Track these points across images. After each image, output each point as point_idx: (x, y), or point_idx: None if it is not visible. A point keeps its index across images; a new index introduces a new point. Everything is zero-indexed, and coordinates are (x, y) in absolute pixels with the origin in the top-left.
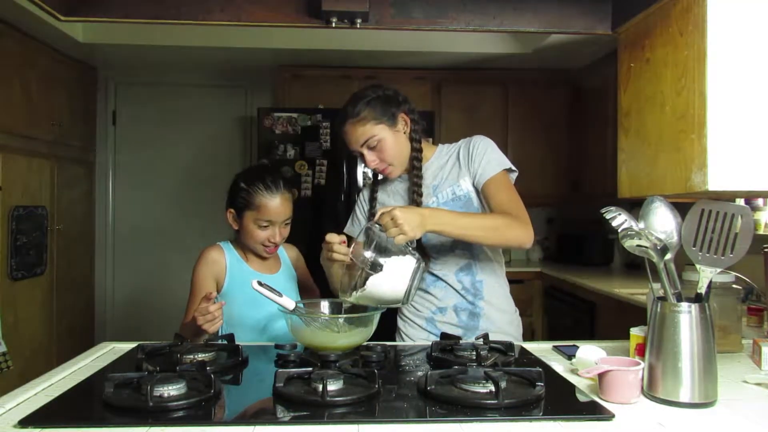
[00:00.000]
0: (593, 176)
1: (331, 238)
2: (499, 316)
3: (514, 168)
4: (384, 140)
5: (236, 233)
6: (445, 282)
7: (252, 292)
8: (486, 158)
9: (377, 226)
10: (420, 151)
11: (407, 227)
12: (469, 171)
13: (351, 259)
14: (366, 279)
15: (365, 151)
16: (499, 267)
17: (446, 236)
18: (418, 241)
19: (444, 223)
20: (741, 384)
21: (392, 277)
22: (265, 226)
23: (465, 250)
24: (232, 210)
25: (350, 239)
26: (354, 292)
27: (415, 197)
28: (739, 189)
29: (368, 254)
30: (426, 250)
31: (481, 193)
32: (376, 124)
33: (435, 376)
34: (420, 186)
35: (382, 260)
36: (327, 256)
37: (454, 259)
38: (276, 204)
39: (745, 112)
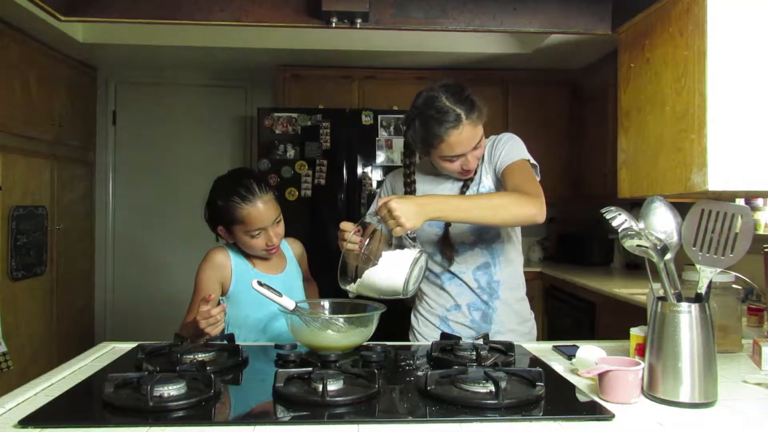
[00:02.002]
0: (593, 176)
1: (345, 226)
2: (513, 318)
3: (534, 162)
4: (482, 137)
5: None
6: (461, 280)
7: (258, 294)
8: (507, 149)
9: (377, 217)
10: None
11: (404, 219)
12: (492, 165)
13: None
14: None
15: (471, 154)
16: (518, 268)
17: (452, 221)
18: (445, 238)
19: (444, 209)
20: (741, 384)
21: (388, 269)
22: (258, 234)
23: (485, 249)
24: (222, 227)
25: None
26: (352, 284)
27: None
28: (739, 189)
29: (365, 244)
30: (451, 249)
31: (501, 181)
32: (482, 122)
33: (435, 376)
34: (468, 186)
35: (381, 252)
36: (339, 244)
37: (473, 257)
38: (258, 211)
39: (745, 112)
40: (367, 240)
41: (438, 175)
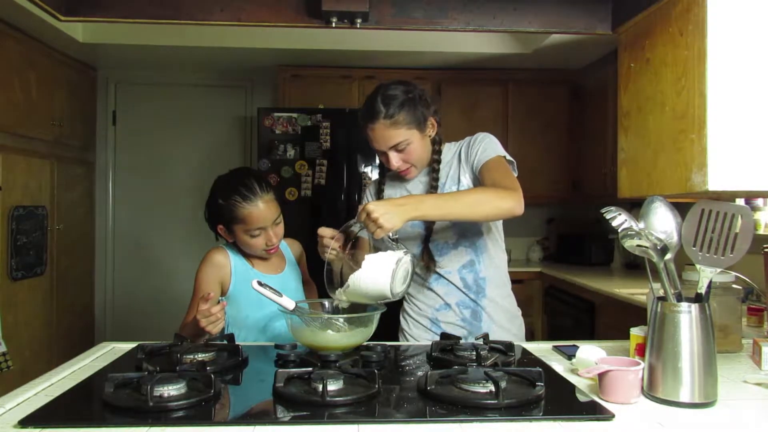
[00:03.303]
0: (593, 176)
1: (323, 231)
2: (501, 315)
3: (511, 159)
4: (412, 144)
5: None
6: (448, 279)
7: (257, 294)
8: (482, 147)
9: (359, 224)
10: (440, 153)
11: (382, 220)
12: (469, 164)
13: (336, 255)
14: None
15: (391, 153)
16: (502, 265)
17: (432, 220)
18: (425, 242)
19: (422, 207)
20: (741, 384)
21: (371, 272)
22: (258, 234)
23: (468, 247)
24: (222, 226)
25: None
26: (340, 290)
27: None
28: (739, 189)
29: (347, 250)
30: (430, 251)
31: (479, 179)
32: (409, 129)
33: (435, 376)
34: (437, 188)
35: (363, 256)
36: (319, 249)
37: (458, 256)
38: (259, 211)
39: (745, 112)
40: (349, 245)
41: (410, 180)
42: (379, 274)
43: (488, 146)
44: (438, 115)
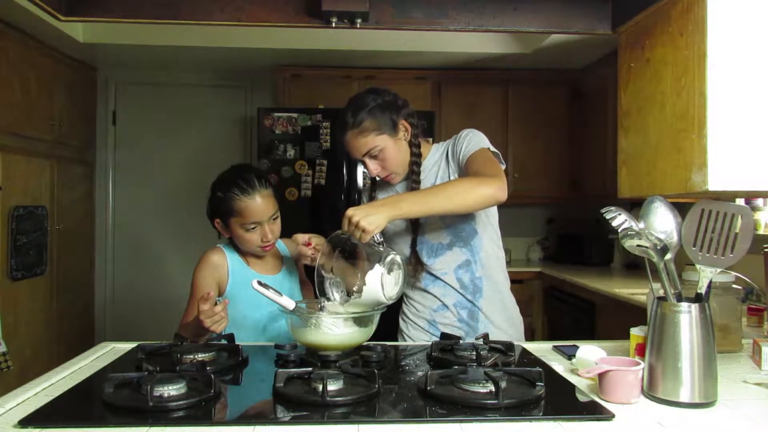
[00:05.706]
0: (593, 176)
1: (298, 238)
2: (499, 315)
3: (495, 150)
4: (386, 149)
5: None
6: (444, 281)
7: (255, 294)
8: (466, 142)
9: (346, 234)
10: (419, 156)
11: (364, 223)
12: (455, 161)
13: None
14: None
15: (368, 160)
16: (499, 264)
17: (416, 216)
18: (413, 244)
19: (402, 205)
20: (741, 384)
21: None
22: (254, 228)
23: (463, 247)
24: (218, 220)
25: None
26: (335, 303)
27: None
28: (739, 189)
29: (335, 258)
30: (417, 254)
31: (464, 174)
32: (378, 134)
33: (435, 376)
34: (418, 188)
35: (358, 264)
36: (301, 255)
37: (453, 256)
38: (256, 204)
39: (745, 112)
40: (337, 252)
41: (398, 183)
42: (369, 283)
43: (472, 140)
44: (413, 118)
